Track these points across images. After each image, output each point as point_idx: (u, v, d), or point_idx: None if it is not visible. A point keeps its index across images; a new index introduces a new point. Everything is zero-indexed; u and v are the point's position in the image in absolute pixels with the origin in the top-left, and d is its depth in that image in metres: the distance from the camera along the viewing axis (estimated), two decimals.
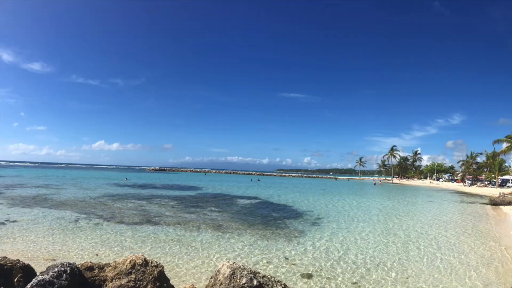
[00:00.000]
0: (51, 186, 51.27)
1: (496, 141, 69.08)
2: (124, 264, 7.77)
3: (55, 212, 25.17)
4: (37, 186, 50.17)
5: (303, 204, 38.59)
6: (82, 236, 17.58)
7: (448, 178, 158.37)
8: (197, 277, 11.83)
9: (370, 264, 14.34)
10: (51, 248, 14.97)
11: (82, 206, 28.95)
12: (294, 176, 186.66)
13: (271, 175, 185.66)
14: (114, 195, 40.00)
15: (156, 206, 31.11)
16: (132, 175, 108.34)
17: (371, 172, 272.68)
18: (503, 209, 36.29)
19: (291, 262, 14.10)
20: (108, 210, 27.18)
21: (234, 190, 57.80)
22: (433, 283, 12.04)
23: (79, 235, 17.67)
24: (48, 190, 43.11)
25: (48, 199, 33.02)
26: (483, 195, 65.06)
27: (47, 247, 15.10)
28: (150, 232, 19.18)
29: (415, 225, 25.24)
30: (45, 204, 29.43)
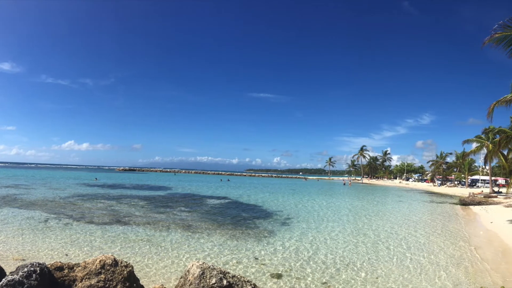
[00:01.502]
0: (20, 186, 51.63)
1: (465, 141, 71.03)
2: (93, 264, 7.89)
3: (25, 212, 25.52)
4: (6, 186, 50.55)
5: (272, 204, 39.55)
6: (52, 236, 17.83)
7: (418, 178, 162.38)
8: (167, 277, 12.06)
9: (340, 264, 14.75)
10: (20, 248, 15.14)
11: (52, 206, 29.34)
12: (264, 176, 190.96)
13: (241, 175, 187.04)
14: (84, 195, 40.49)
15: (126, 206, 31.71)
16: (101, 175, 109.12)
17: (340, 172, 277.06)
18: (473, 209, 37.70)
19: (260, 262, 14.45)
20: (78, 210, 27.61)
21: (204, 190, 58.84)
22: (402, 283, 12.44)
23: (49, 235, 17.91)
24: (17, 190, 43.49)
25: (18, 199, 33.45)
26: (452, 195, 67.23)
27: (16, 247, 15.26)
28: (120, 232, 19.53)
29: (385, 225, 25.95)
30: (14, 204, 29.82)
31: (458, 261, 15.61)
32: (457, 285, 12.32)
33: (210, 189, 62.32)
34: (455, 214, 34.87)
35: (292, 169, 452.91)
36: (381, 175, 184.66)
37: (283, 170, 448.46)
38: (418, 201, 53.02)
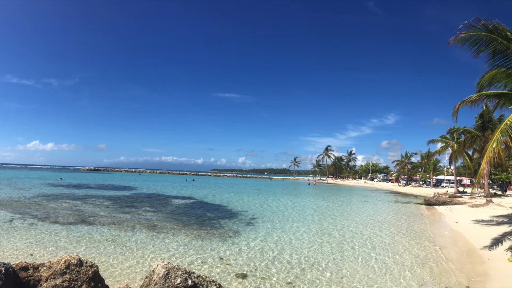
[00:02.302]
0: None
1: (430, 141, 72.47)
2: (58, 264, 7.95)
3: None
4: None
5: (237, 204, 40.09)
6: (16, 236, 17.91)
7: (383, 178, 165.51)
8: (132, 277, 12.20)
9: (305, 264, 14.87)
10: None
11: (16, 206, 29.38)
12: (228, 176, 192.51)
13: (206, 175, 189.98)
14: (49, 195, 40.47)
15: (91, 206, 31.91)
16: (66, 175, 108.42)
17: (305, 172, 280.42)
18: (438, 209, 38.51)
19: (225, 262, 14.64)
20: (42, 210, 27.66)
21: (169, 190, 59.77)
22: (367, 283, 12.55)
23: (14, 235, 18.01)
24: None
25: None
26: (417, 195, 68.78)
27: None
28: (85, 232, 19.68)
29: (350, 225, 26.21)
30: None
31: (423, 261, 15.84)
32: (422, 285, 12.47)
33: (175, 189, 63.19)
34: (420, 214, 35.57)
35: (257, 169, 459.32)
36: (346, 175, 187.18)
37: (248, 170, 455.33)
38: (383, 201, 54.01)
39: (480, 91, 18.96)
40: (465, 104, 19.38)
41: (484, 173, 17.30)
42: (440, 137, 71.65)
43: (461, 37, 16.22)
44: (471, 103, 19.26)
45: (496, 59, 17.14)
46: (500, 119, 43.42)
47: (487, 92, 18.80)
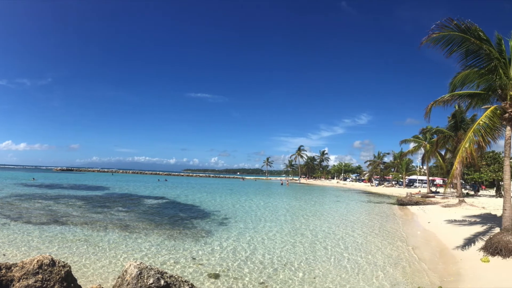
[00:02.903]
0: None
1: (403, 141, 73.58)
2: (31, 264, 8.00)
3: None
4: None
5: (210, 204, 40.39)
6: None
7: (355, 178, 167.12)
8: (104, 277, 12.29)
9: (277, 264, 15.00)
10: None
11: None
12: (201, 176, 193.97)
13: (178, 175, 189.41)
14: (21, 195, 40.61)
15: (63, 206, 31.99)
16: (39, 175, 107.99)
17: (278, 172, 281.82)
18: (410, 209, 39.08)
19: (198, 262, 14.79)
20: (15, 210, 27.78)
21: (141, 190, 60.13)
22: (340, 283, 12.66)
23: None
24: None
25: None
26: (390, 195, 69.73)
27: None
28: (58, 232, 19.71)
29: (322, 225, 26.43)
30: None
31: (395, 261, 16.04)
32: (394, 285, 12.61)
33: (148, 189, 63.54)
34: (393, 214, 36.06)
35: (229, 169, 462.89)
36: (318, 175, 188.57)
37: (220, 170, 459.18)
38: (356, 201, 54.57)
39: (452, 91, 19.21)
40: (437, 104, 19.63)
41: (457, 173, 17.65)
42: (413, 137, 72.72)
43: (434, 37, 16.40)
44: (444, 103, 19.53)
45: (469, 59, 17.40)
46: (472, 119, 44.16)
47: (460, 92, 19.08)
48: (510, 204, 16.69)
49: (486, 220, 24.96)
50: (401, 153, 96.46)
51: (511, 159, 17.19)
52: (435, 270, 14.43)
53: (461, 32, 16.11)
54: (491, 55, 16.50)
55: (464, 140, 16.80)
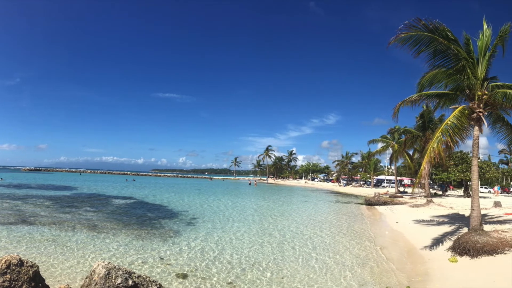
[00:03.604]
0: None
1: (371, 141, 74.39)
2: None
3: None
4: None
5: (178, 204, 40.80)
6: None
7: (323, 178, 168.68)
8: (72, 277, 12.31)
9: (245, 264, 15.09)
10: None
11: None
12: (169, 176, 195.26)
13: (146, 175, 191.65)
14: None
15: (31, 206, 32.05)
16: (7, 175, 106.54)
17: (246, 172, 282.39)
18: (378, 209, 39.70)
19: (166, 262, 14.84)
20: None
21: (109, 190, 60.53)
22: (308, 283, 12.74)
23: None
24: None
25: None
26: (358, 195, 70.72)
27: None
28: (25, 232, 19.73)
29: (290, 225, 26.57)
30: None
31: (363, 261, 16.21)
32: (362, 285, 12.73)
33: (116, 189, 63.95)
34: (361, 214, 36.55)
35: (197, 169, 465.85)
36: (286, 175, 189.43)
37: (188, 170, 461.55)
38: (324, 201, 55.18)
39: (420, 91, 19.39)
40: (405, 104, 19.81)
41: (425, 173, 17.87)
42: (381, 137, 73.61)
43: (402, 37, 16.49)
44: (412, 103, 19.72)
45: (437, 59, 17.57)
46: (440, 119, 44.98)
47: (428, 92, 19.29)
48: (478, 204, 16.99)
49: (454, 220, 25.49)
50: (369, 153, 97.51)
51: (479, 159, 17.53)
52: (403, 270, 14.62)
53: (429, 32, 16.27)
54: (459, 55, 16.72)
55: (432, 140, 16.97)
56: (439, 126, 18.35)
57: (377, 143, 76.21)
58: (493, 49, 17.19)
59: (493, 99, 16.91)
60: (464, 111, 17.17)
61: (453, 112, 17.18)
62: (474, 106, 17.20)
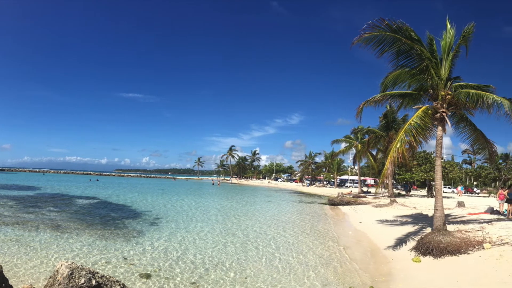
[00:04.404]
0: None
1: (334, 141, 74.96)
2: None
3: None
4: None
5: (141, 204, 40.86)
6: None
7: (287, 178, 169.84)
8: (36, 277, 12.31)
9: (209, 264, 15.13)
10: None
11: None
12: (132, 176, 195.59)
13: (110, 175, 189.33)
14: None
15: None
16: None
17: (209, 172, 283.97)
18: (342, 209, 40.15)
19: (129, 262, 14.87)
20: None
21: (73, 190, 59.93)
22: (271, 283, 12.79)
23: None
24: None
25: None
26: (321, 195, 71.35)
27: None
28: None
29: (254, 225, 26.57)
30: None
31: (327, 261, 16.30)
32: (326, 285, 12.81)
33: (79, 189, 63.40)
34: (324, 214, 36.83)
35: (161, 169, 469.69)
36: (250, 175, 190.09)
37: (152, 170, 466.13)
38: (287, 201, 55.46)
39: (384, 91, 19.54)
40: (369, 104, 19.92)
41: (388, 173, 17.99)
42: (344, 137, 74.29)
43: (365, 37, 16.57)
44: (375, 103, 19.84)
45: (400, 59, 17.74)
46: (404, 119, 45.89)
47: (391, 92, 19.47)
48: (441, 204, 17.28)
49: (417, 220, 25.88)
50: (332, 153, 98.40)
51: (442, 159, 17.77)
52: (366, 270, 14.75)
53: (392, 32, 16.40)
54: (422, 55, 16.92)
55: (395, 140, 17.10)
56: (403, 126, 18.59)
57: (341, 143, 76.88)
58: (457, 49, 17.48)
59: (457, 99, 17.20)
60: (428, 111, 17.42)
61: (417, 112, 17.35)
62: (437, 106, 17.46)
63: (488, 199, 52.60)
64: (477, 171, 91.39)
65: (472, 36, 17.49)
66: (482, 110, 17.17)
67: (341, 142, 75.39)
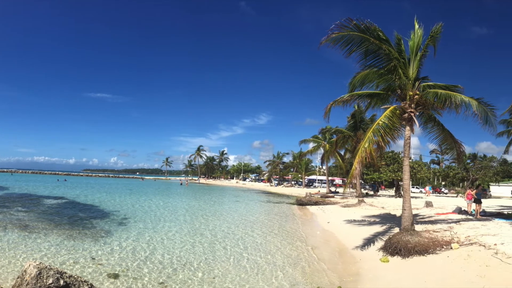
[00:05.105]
0: None
1: (302, 141, 75.33)
2: None
3: None
4: None
5: (110, 204, 40.85)
6: None
7: (255, 178, 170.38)
8: (4, 277, 12.24)
9: (177, 264, 15.09)
10: None
11: None
12: (101, 176, 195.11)
13: (78, 175, 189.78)
14: None
15: None
16: None
17: (178, 172, 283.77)
18: (310, 209, 40.33)
19: (97, 262, 14.80)
20: None
21: (41, 190, 59.40)
22: (239, 283, 12.77)
23: None
24: None
25: None
26: (289, 195, 71.71)
27: None
28: None
29: (222, 225, 26.54)
30: None
31: (295, 261, 16.31)
32: (294, 285, 12.81)
33: (47, 189, 62.81)
34: (292, 214, 36.97)
35: (129, 169, 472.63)
36: (218, 175, 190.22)
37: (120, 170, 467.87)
38: (255, 201, 55.61)
39: (352, 91, 19.58)
40: (337, 104, 19.96)
41: (356, 173, 18.08)
42: (312, 137, 74.66)
43: (333, 37, 16.54)
44: (343, 103, 19.88)
45: (368, 59, 17.80)
46: (372, 119, 46.26)
47: (359, 92, 19.54)
48: (409, 204, 17.43)
49: (385, 220, 26.17)
50: (300, 153, 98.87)
51: (410, 159, 17.94)
52: (334, 270, 14.79)
53: (360, 32, 16.42)
54: (390, 55, 17.00)
55: (363, 140, 17.14)
56: (371, 126, 18.63)
57: (309, 143, 77.28)
58: (425, 49, 17.62)
59: (425, 99, 17.34)
60: (396, 111, 17.54)
61: (385, 112, 17.43)
62: (405, 106, 17.57)
63: (456, 199, 53.75)
64: (445, 171, 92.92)
65: (440, 36, 17.67)
66: (450, 110, 17.34)
67: (309, 142, 75.78)
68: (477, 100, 16.57)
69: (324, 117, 20.68)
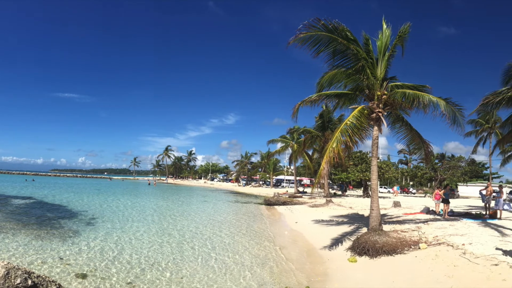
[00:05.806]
0: None
1: (270, 141, 75.49)
2: None
3: None
4: None
5: (77, 204, 40.61)
6: None
7: (223, 178, 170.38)
8: None
9: (145, 264, 15.04)
10: None
11: None
12: (68, 176, 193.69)
13: (46, 175, 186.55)
14: None
15: None
16: None
17: (145, 172, 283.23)
18: (278, 209, 40.39)
19: (65, 262, 14.71)
20: None
21: (9, 190, 59.49)
22: (207, 283, 12.71)
23: None
24: None
25: None
26: (257, 195, 71.92)
27: None
28: None
29: (190, 225, 26.46)
30: None
31: (263, 261, 16.29)
32: (262, 285, 12.77)
33: (15, 189, 62.89)
34: (260, 214, 37.01)
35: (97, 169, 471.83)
36: (186, 175, 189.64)
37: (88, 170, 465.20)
38: (223, 201, 55.68)
39: (320, 91, 19.61)
40: (305, 104, 20.00)
41: (324, 173, 18.20)
42: (280, 137, 74.91)
43: (301, 37, 16.52)
44: (311, 103, 19.92)
45: (336, 59, 17.80)
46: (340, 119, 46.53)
47: (327, 92, 19.59)
48: (377, 204, 17.56)
49: (353, 220, 26.34)
50: (268, 153, 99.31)
51: (378, 159, 18.10)
52: (302, 270, 14.80)
53: (328, 32, 16.42)
54: (358, 55, 17.05)
55: (331, 140, 17.16)
56: (339, 126, 18.67)
57: (277, 143, 77.44)
58: (393, 49, 17.73)
59: (393, 99, 17.47)
60: (364, 111, 17.63)
61: (353, 112, 17.49)
62: (373, 106, 17.66)
63: (424, 199, 54.73)
64: (413, 171, 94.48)
65: (408, 36, 17.85)
66: (418, 110, 17.52)
67: (277, 142, 75.97)
68: (445, 100, 16.78)
69: (292, 117, 20.72)
